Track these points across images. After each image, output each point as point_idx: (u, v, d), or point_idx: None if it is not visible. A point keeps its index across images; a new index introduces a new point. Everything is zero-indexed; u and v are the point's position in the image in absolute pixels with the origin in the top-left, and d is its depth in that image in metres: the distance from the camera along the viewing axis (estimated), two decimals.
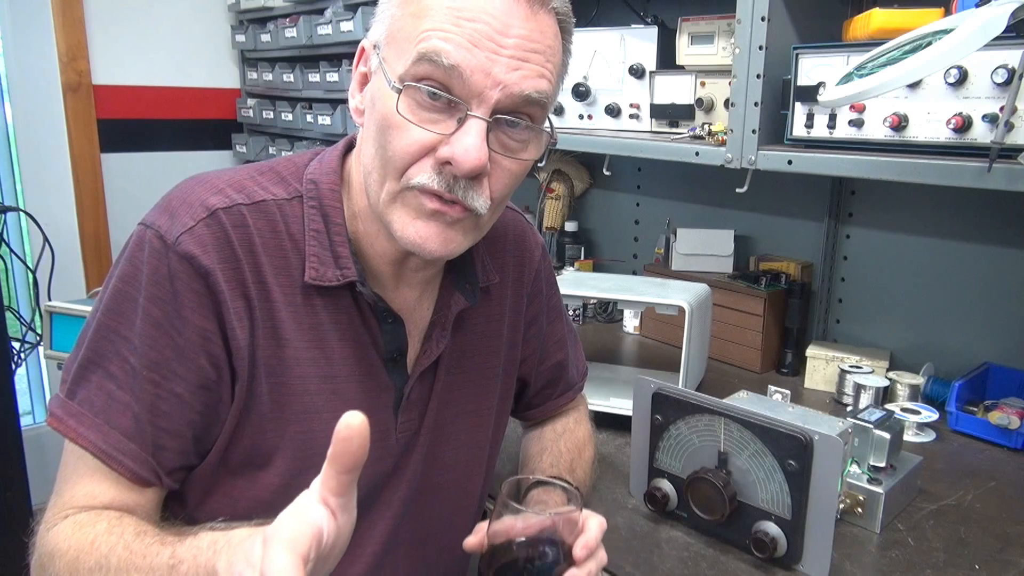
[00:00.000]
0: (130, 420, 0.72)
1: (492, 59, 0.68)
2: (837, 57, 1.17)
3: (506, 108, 0.70)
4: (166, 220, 0.73)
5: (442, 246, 0.74)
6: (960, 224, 1.47)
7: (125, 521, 0.70)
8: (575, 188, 2.14)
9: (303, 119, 2.41)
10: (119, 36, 2.57)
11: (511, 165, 0.74)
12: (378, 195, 0.74)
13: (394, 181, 0.72)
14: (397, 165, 0.71)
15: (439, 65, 0.67)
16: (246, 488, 0.79)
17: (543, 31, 0.71)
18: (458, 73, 0.67)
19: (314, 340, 0.78)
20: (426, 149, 0.70)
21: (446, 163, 0.70)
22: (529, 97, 0.70)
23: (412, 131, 0.70)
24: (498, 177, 0.73)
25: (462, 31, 0.67)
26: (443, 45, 0.67)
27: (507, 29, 0.68)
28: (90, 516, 0.71)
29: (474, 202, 0.72)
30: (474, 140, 0.68)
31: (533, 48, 0.70)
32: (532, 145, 0.75)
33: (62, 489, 0.74)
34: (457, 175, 0.70)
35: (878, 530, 1.03)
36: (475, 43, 0.67)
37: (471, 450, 0.94)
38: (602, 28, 1.61)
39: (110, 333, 0.73)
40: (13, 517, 1.83)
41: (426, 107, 0.70)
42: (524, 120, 0.72)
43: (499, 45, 0.68)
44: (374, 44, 0.75)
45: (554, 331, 1.06)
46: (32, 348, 2.23)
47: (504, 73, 0.68)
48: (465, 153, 0.68)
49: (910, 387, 1.44)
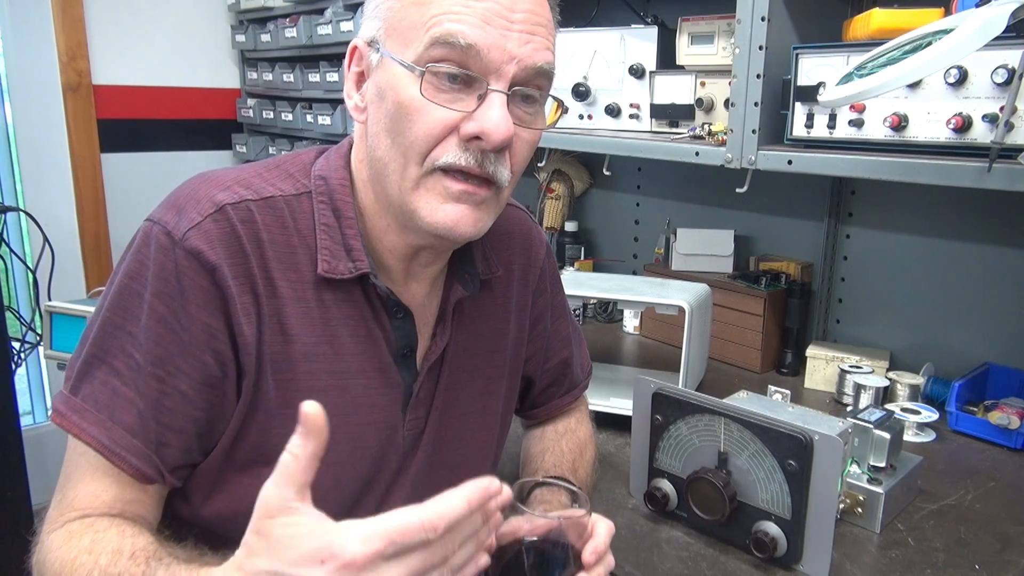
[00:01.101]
0: (134, 416, 0.72)
1: (505, 35, 0.71)
2: (837, 57, 1.17)
3: (520, 80, 0.73)
4: (173, 216, 0.74)
5: (473, 226, 0.75)
6: (960, 224, 1.47)
7: (107, 538, 0.69)
8: (575, 188, 2.14)
9: (303, 119, 2.41)
10: (119, 36, 2.57)
11: (528, 135, 0.77)
12: (399, 184, 0.75)
13: (417, 166, 0.73)
14: (419, 149, 0.72)
15: (455, 46, 0.69)
16: (251, 485, 0.78)
17: (543, 4, 0.75)
18: (475, 51, 0.70)
19: (324, 335, 0.79)
20: (449, 128, 0.72)
21: (473, 138, 0.72)
22: (541, 68, 0.73)
23: (434, 112, 0.71)
24: (517, 148, 0.76)
25: (472, 11, 0.70)
26: (457, 27, 0.69)
27: (514, 5, 0.71)
28: (82, 526, 0.70)
29: (501, 175, 0.75)
30: (500, 112, 0.71)
31: (537, 22, 0.73)
32: (540, 116, 0.78)
33: (64, 487, 0.74)
34: (486, 149, 0.72)
35: (878, 530, 1.03)
36: (487, 21, 0.70)
37: (476, 449, 0.94)
38: (602, 28, 1.61)
39: (115, 329, 0.73)
40: (13, 517, 1.82)
41: (444, 88, 0.71)
42: (536, 92, 0.75)
43: (509, 21, 0.71)
44: (369, 41, 0.76)
45: (559, 329, 1.06)
46: (32, 348, 2.23)
47: (518, 48, 0.71)
48: (496, 126, 0.70)
49: (910, 387, 1.44)
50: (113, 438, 0.71)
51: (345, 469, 0.81)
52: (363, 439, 0.82)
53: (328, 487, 0.81)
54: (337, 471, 0.81)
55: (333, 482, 0.81)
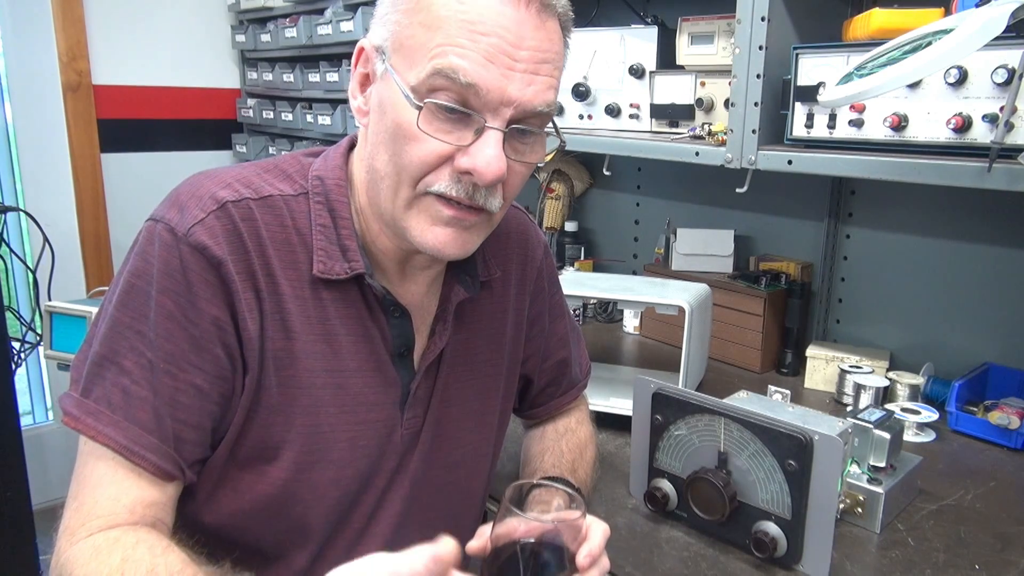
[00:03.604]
0: (149, 414, 0.72)
1: (507, 75, 0.70)
2: (837, 57, 1.17)
3: (518, 120, 0.73)
4: (176, 213, 0.74)
5: (460, 249, 0.77)
6: (960, 224, 1.47)
7: (138, 556, 0.67)
8: (575, 188, 2.14)
9: (303, 119, 2.41)
10: (119, 36, 2.58)
11: (522, 169, 0.77)
12: (392, 200, 0.75)
13: (409, 188, 0.74)
14: (412, 173, 0.73)
15: (456, 81, 0.69)
16: (253, 482, 0.79)
17: (551, 38, 0.73)
18: (475, 90, 0.69)
19: (322, 334, 0.79)
20: (443, 159, 0.72)
21: (466, 173, 0.72)
22: (539, 111, 0.73)
23: (429, 142, 0.72)
24: (511, 181, 0.77)
25: (477, 46, 0.69)
26: (459, 62, 0.69)
27: (520, 41, 0.70)
28: (107, 541, 0.69)
29: (492, 205, 0.76)
30: (494, 151, 0.71)
31: (543, 59, 0.72)
32: (539, 147, 0.78)
33: (81, 493, 0.72)
34: (478, 184, 0.73)
35: (878, 530, 1.03)
36: (490, 59, 0.69)
37: (474, 449, 0.94)
38: (602, 28, 1.61)
39: (124, 329, 0.73)
40: (13, 517, 1.82)
41: (442, 119, 0.71)
42: (535, 129, 0.75)
43: (513, 59, 0.70)
44: (377, 47, 0.76)
45: (557, 329, 1.06)
46: (32, 348, 2.23)
47: (518, 91, 0.71)
48: (487, 165, 0.71)
49: (910, 387, 1.44)
50: (131, 437, 0.71)
51: (343, 467, 0.82)
52: (361, 437, 0.82)
53: (327, 484, 0.82)
54: (335, 469, 0.81)
55: (332, 479, 0.81)
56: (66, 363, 1.83)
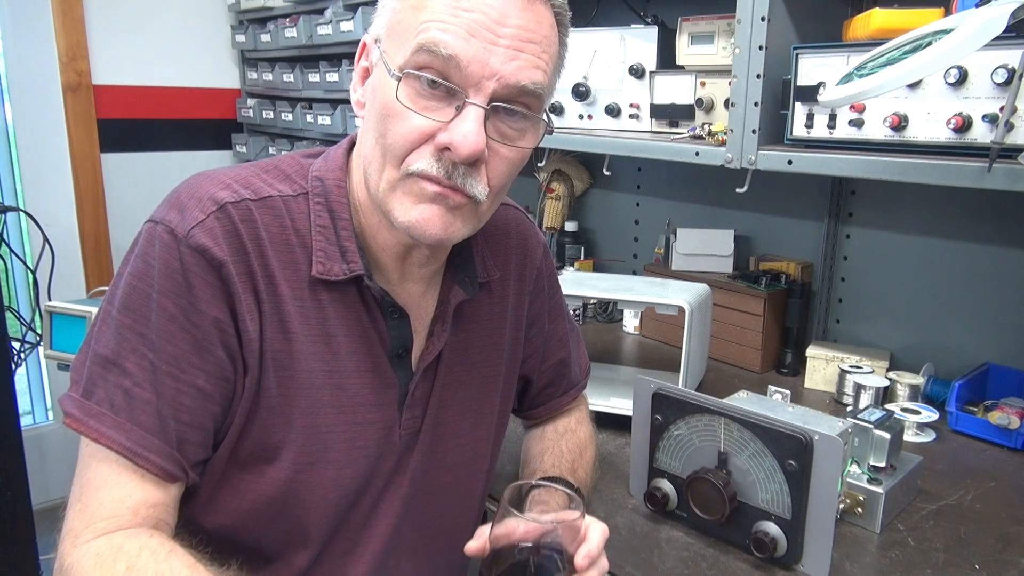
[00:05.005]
0: (152, 416, 0.72)
1: (489, 49, 0.69)
2: (837, 57, 1.17)
3: (503, 97, 0.72)
4: (176, 215, 0.74)
5: (443, 229, 0.75)
6: (960, 224, 1.47)
7: (143, 564, 0.67)
8: (575, 188, 2.14)
9: (303, 119, 2.41)
10: (119, 36, 2.57)
11: (508, 153, 0.75)
12: (378, 183, 0.75)
13: (394, 168, 0.74)
14: (396, 152, 0.73)
15: (437, 55, 0.69)
16: (252, 483, 0.79)
17: (539, 21, 0.72)
18: (456, 63, 0.69)
19: (321, 335, 0.79)
20: (425, 136, 0.72)
21: (445, 149, 0.71)
22: (525, 88, 0.72)
23: (412, 118, 0.71)
24: (496, 165, 0.75)
25: (460, 21, 0.69)
26: (441, 36, 0.69)
27: (504, 19, 0.69)
28: (110, 547, 0.68)
29: (473, 189, 0.74)
30: (472, 126, 0.70)
31: (529, 38, 0.71)
32: (529, 134, 0.77)
33: (84, 495, 0.72)
34: (456, 161, 0.71)
35: (878, 530, 1.03)
36: (472, 33, 0.69)
37: (472, 449, 0.94)
38: (602, 28, 1.61)
39: (125, 331, 0.73)
40: (13, 517, 1.82)
41: (425, 95, 0.71)
42: (521, 109, 0.73)
43: (496, 35, 0.69)
44: (375, 38, 0.77)
45: (556, 329, 1.06)
46: (32, 348, 2.23)
47: (500, 64, 0.70)
48: (464, 139, 0.70)
49: (910, 387, 1.44)
50: (134, 439, 0.71)
51: (342, 467, 0.82)
52: (360, 438, 0.82)
53: (326, 484, 0.82)
54: (334, 469, 0.81)
55: (331, 480, 0.81)
56: (66, 363, 1.83)
